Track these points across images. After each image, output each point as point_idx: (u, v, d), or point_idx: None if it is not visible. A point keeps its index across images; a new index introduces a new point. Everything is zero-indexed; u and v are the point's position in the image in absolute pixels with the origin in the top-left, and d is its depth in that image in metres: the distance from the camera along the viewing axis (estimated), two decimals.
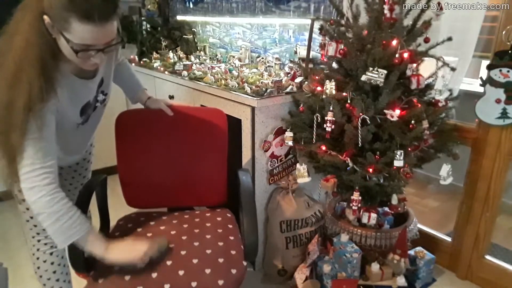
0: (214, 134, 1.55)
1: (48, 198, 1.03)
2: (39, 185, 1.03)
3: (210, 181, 1.57)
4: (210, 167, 1.56)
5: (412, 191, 2.86)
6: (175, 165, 1.56)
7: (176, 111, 1.55)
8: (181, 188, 1.57)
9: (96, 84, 1.27)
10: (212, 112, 1.58)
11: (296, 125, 1.78)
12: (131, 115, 1.58)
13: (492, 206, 1.82)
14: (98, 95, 1.32)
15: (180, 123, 1.55)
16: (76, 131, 1.33)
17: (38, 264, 1.45)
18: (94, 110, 1.34)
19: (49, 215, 1.04)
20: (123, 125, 1.56)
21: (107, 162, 3.08)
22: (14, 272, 2.03)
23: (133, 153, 1.55)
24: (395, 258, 1.74)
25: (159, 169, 1.55)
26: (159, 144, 1.55)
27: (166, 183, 1.56)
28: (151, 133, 1.55)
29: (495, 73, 1.63)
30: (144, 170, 1.55)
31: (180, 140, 1.55)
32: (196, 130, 1.55)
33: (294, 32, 2.46)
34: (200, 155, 1.56)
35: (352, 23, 1.65)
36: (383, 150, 1.54)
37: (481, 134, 1.79)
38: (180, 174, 1.56)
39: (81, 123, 1.30)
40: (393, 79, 1.48)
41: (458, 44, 1.66)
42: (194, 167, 1.56)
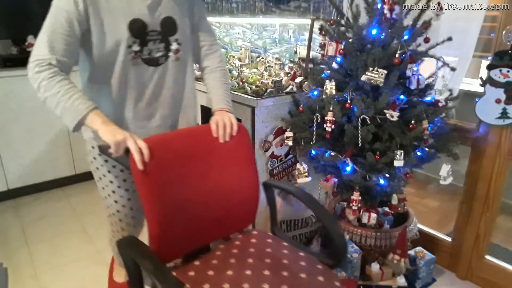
0: (240, 150, 1.31)
1: (45, 82, 1.08)
2: (38, 71, 1.08)
3: (243, 203, 1.34)
4: (242, 187, 1.32)
5: (412, 191, 2.86)
6: (208, 194, 1.24)
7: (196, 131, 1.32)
8: (214, 219, 1.27)
9: (146, 4, 1.18)
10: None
11: (296, 125, 1.78)
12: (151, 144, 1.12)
13: (492, 206, 1.82)
14: (172, 43, 1.26)
15: (203, 144, 1.24)
16: (138, 69, 1.23)
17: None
18: (166, 59, 1.27)
19: (50, 98, 1.08)
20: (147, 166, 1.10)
21: None
22: (14, 272, 2.03)
23: (164, 194, 1.13)
24: (395, 258, 1.74)
25: (193, 205, 1.20)
26: (188, 174, 1.19)
27: (200, 219, 1.23)
28: (177, 163, 1.17)
29: (495, 73, 1.63)
30: (179, 212, 1.16)
31: (208, 164, 1.24)
32: (222, 150, 1.27)
33: (294, 32, 2.46)
34: (231, 177, 1.29)
35: (352, 23, 1.65)
36: (383, 150, 1.54)
37: (481, 134, 1.79)
38: (214, 204, 1.26)
39: (138, 52, 1.20)
40: (393, 79, 1.48)
41: (458, 44, 1.66)
42: (227, 192, 1.28)
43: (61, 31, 1.10)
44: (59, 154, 2.89)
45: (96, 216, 2.59)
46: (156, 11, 1.21)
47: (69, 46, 1.12)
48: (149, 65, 1.25)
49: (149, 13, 1.19)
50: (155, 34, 1.22)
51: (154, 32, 1.22)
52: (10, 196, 2.80)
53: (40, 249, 2.23)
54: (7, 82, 2.57)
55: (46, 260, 2.14)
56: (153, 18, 1.20)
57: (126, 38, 1.16)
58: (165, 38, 1.25)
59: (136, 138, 1.07)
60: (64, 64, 1.12)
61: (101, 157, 1.32)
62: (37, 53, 1.11)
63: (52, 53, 1.10)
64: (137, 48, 1.20)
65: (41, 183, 2.88)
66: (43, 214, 2.62)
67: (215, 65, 1.43)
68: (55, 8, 1.11)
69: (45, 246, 2.26)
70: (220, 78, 1.42)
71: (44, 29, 1.12)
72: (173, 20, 1.25)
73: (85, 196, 2.87)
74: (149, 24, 1.20)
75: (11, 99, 2.60)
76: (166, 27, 1.24)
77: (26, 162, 2.77)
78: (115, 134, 1.06)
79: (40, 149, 2.80)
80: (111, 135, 1.06)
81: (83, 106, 1.09)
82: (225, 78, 1.44)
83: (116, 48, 1.17)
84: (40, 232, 2.40)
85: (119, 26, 1.15)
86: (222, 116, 1.27)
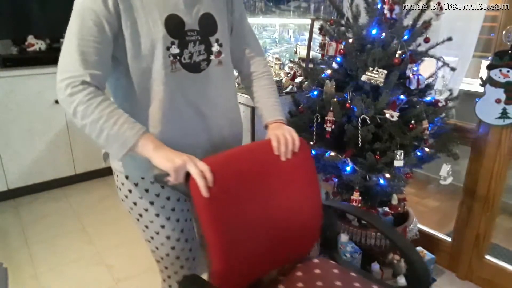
0: (302, 168, 1.17)
1: (82, 107, 0.90)
2: (71, 93, 0.90)
3: (305, 226, 1.20)
4: (304, 209, 1.17)
5: (412, 191, 2.86)
6: (269, 217, 1.10)
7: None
8: (276, 244, 1.13)
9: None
10: None
11: (296, 125, 1.78)
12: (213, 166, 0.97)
13: (492, 206, 1.82)
14: (213, 45, 1.07)
15: (264, 162, 1.10)
16: (178, 77, 1.02)
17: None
18: (208, 63, 1.07)
19: (90, 126, 0.91)
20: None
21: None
22: (14, 272, 2.03)
23: (227, 221, 1.00)
24: (395, 258, 1.74)
25: (255, 230, 1.07)
26: (250, 196, 1.06)
27: (262, 245, 1.09)
28: (239, 185, 1.03)
29: (495, 73, 1.63)
30: (243, 239, 1.03)
31: (269, 184, 1.10)
32: (283, 168, 1.12)
33: (294, 32, 2.46)
34: (293, 197, 1.15)
35: (352, 23, 1.65)
36: (383, 150, 1.54)
37: (481, 134, 1.79)
38: (275, 228, 1.12)
39: (178, 55, 1.01)
40: (393, 79, 1.48)
41: (458, 44, 1.66)
42: (288, 214, 1.14)
43: (91, 38, 0.91)
44: (59, 154, 2.89)
45: (96, 216, 2.59)
46: (194, 7, 1.03)
47: (101, 56, 0.94)
48: (190, 72, 1.04)
49: (186, 9, 1.01)
50: (194, 34, 1.03)
51: (193, 32, 1.03)
52: (10, 196, 2.80)
53: (40, 249, 2.23)
54: (7, 82, 2.57)
55: (46, 260, 2.14)
56: (191, 15, 1.02)
57: (163, 36, 0.97)
58: (205, 38, 1.05)
59: (196, 161, 0.93)
60: (99, 79, 0.94)
61: (137, 188, 1.10)
62: (65, 68, 0.92)
63: (85, 67, 0.91)
64: (177, 51, 1.00)
65: (41, 183, 2.88)
66: (43, 214, 2.62)
67: (260, 71, 1.24)
68: (79, 10, 0.92)
69: (45, 246, 2.26)
70: (269, 86, 1.24)
71: (70, 37, 0.92)
72: (212, 17, 1.07)
73: (85, 196, 2.87)
74: (187, 22, 1.01)
75: (11, 99, 2.60)
76: (205, 26, 1.05)
77: (26, 162, 2.77)
78: (173, 159, 0.91)
79: (40, 149, 2.80)
80: (168, 162, 0.91)
81: (131, 132, 0.92)
82: (273, 85, 1.26)
83: (152, 50, 0.98)
84: (40, 232, 2.40)
85: (155, 24, 0.97)
86: (282, 130, 1.11)
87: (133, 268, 2.06)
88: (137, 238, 2.35)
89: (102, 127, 0.91)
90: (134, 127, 0.93)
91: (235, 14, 1.16)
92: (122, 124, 0.92)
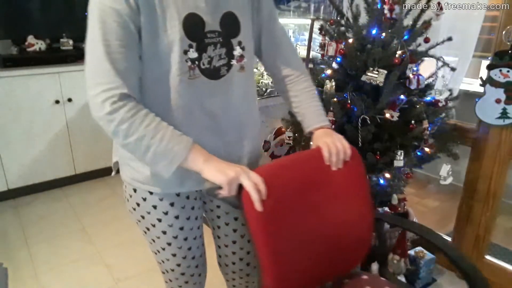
0: (353, 178, 1.11)
1: (125, 125, 0.82)
2: (111, 111, 0.81)
3: (355, 239, 1.14)
4: (354, 221, 1.12)
5: (412, 191, 2.86)
6: (319, 230, 1.05)
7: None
8: (325, 259, 1.09)
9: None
10: None
11: (296, 125, 1.78)
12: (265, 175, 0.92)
13: (492, 206, 1.82)
14: (235, 48, 0.96)
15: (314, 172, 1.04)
16: (195, 84, 0.92)
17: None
18: (228, 68, 0.96)
19: (135, 144, 0.84)
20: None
21: (107, 162, 3.09)
22: (14, 272, 2.03)
23: (280, 236, 0.96)
24: (395, 258, 1.74)
25: (306, 245, 1.03)
26: (301, 208, 1.01)
27: (312, 260, 1.05)
28: (290, 197, 0.98)
29: (495, 73, 1.63)
30: (295, 254, 0.99)
31: (319, 195, 1.05)
32: (332, 178, 1.06)
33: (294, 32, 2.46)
34: (342, 209, 1.09)
35: (352, 23, 1.65)
36: (383, 150, 1.54)
37: (481, 134, 1.79)
38: (324, 241, 1.07)
39: (196, 60, 0.90)
40: (393, 79, 1.48)
41: (458, 44, 1.66)
42: (337, 226, 1.09)
43: (117, 43, 0.81)
44: (59, 154, 2.89)
45: (96, 216, 2.59)
46: (217, 6, 0.92)
47: (130, 61, 0.84)
48: (209, 78, 0.94)
49: (207, 8, 0.90)
50: (215, 35, 0.92)
51: (214, 33, 0.92)
52: (10, 196, 2.80)
53: (40, 249, 2.23)
54: (7, 82, 2.57)
55: (46, 260, 2.14)
56: (212, 14, 0.91)
57: (180, 38, 0.86)
58: (227, 41, 0.94)
59: (249, 172, 0.87)
60: (134, 87, 0.85)
61: (145, 203, 1.04)
62: (97, 81, 0.82)
63: (119, 77, 0.81)
64: (195, 55, 0.90)
65: (41, 183, 2.88)
66: (43, 214, 2.62)
67: (297, 73, 1.12)
68: (99, 11, 0.81)
69: (45, 246, 2.26)
70: (309, 88, 1.13)
71: (94, 44, 0.82)
72: (234, 16, 0.95)
73: (85, 196, 2.87)
74: (208, 22, 0.90)
75: (11, 99, 2.60)
76: (227, 26, 0.94)
77: (26, 162, 2.77)
78: (225, 171, 0.85)
79: (40, 149, 2.80)
80: (221, 174, 0.84)
81: (179, 147, 0.85)
82: (313, 87, 1.14)
83: (168, 53, 0.87)
84: (40, 232, 2.40)
85: (172, 23, 0.86)
86: (332, 138, 1.04)
87: (133, 268, 2.06)
88: (137, 238, 2.35)
89: (148, 144, 0.83)
90: (182, 140, 0.86)
91: (262, 13, 1.03)
92: (170, 139, 0.85)
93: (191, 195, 1.08)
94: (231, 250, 1.21)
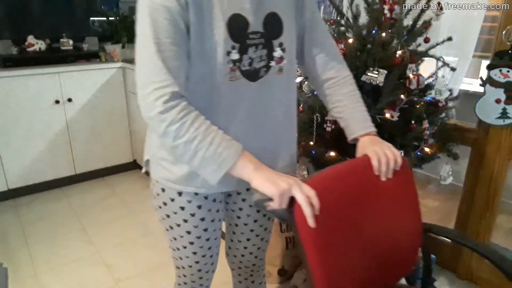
0: (402, 188, 1.07)
1: (175, 126, 0.80)
2: (163, 110, 0.79)
3: (401, 252, 1.11)
4: (402, 233, 1.08)
5: None
6: (366, 243, 1.01)
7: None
8: (374, 272, 1.06)
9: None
10: None
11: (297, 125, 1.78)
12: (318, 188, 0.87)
13: (492, 206, 1.82)
14: (275, 49, 0.94)
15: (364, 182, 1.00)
16: (235, 86, 0.91)
17: None
18: (267, 70, 0.95)
19: (183, 146, 0.81)
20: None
21: (107, 162, 3.09)
22: (14, 272, 2.03)
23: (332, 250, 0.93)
24: None
25: (355, 258, 1.00)
26: (350, 220, 0.98)
27: (359, 275, 1.02)
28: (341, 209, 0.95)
29: (495, 73, 1.63)
30: (345, 268, 0.97)
31: (368, 206, 1.01)
32: (381, 188, 1.02)
33: None
34: (391, 220, 1.06)
35: (352, 23, 1.65)
36: None
37: (481, 134, 1.79)
38: (371, 255, 1.03)
39: (237, 62, 0.89)
40: (393, 79, 1.48)
41: (458, 44, 1.66)
42: (385, 239, 1.05)
43: (167, 41, 0.81)
44: (59, 154, 2.89)
45: (96, 216, 2.59)
46: (261, 6, 0.90)
47: (181, 60, 0.83)
48: (248, 80, 0.93)
49: (252, 8, 0.88)
50: (257, 37, 0.91)
51: (256, 34, 0.90)
52: (10, 196, 2.80)
53: (40, 249, 2.23)
54: (7, 82, 2.57)
55: (46, 260, 2.14)
56: (255, 14, 0.89)
57: (224, 40, 0.85)
58: (268, 42, 0.93)
59: (301, 184, 0.82)
60: (184, 86, 0.84)
61: (173, 203, 1.04)
62: (149, 79, 0.81)
63: (171, 75, 0.80)
64: (237, 56, 0.89)
65: (41, 183, 2.88)
66: (43, 214, 2.62)
67: (341, 75, 1.07)
68: (148, 10, 0.81)
69: (45, 246, 2.26)
70: (354, 92, 1.08)
71: (145, 43, 0.82)
72: (278, 17, 0.93)
73: (85, 196, 2.87)
74: (251, 23, 0.89)
75: (11, 99, 2.60)
76: (270, 27, 0.92)
77: (26, 162, 2.77)
78: (277, 182, 0.80)
79: (40, 149, 2.80)
80: (273, 185, 0.80)
81: (229, 151, 0.82)
82: (358, 91, 1.09)
83: (213, 54, 0.86)
84: (40, 232, 2.40)
85: (218, 24, 0.85)
86: (381, 146, 0.99)
87: (133, 268, 2.06)
88: (137, 238, 2.35)
89: (197, 148, 0.81)
90: (232, 145, 0.83)
91: (306, 13, 1.01)
92: (219, 144, 0.82)
93: (217, 198, 1.08)
94: (244, 245, 1.22)
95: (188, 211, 1.04)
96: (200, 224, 1.06)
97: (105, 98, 3.00)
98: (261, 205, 0.85)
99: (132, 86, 2.92)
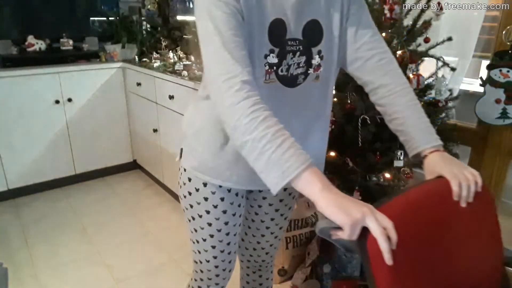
0: (482, 214, 0.95)
1: (246, 120, 0.75)
2: (234, 102, 0.76)
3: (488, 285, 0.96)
4: (483, 267, 0.95)
5: None
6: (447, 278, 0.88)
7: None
8: None
9: (291, 2, 0.87)
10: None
11: None
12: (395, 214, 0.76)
13: None
14: (314, 57, 0.93)
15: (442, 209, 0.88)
16: (270, 90, 0.90)
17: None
18: (305, 77, 0.94)
19: (251, 144, 0.75)
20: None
21: (107, 162, 3.09)
22: (14, 272, 2.03)
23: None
24: None
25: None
26: (430, 253, 0.85)
27: None
28: (418, 242, 0.82)
29: (495, 73, 1.63)
30: None
31: (447, 236, 0.88)
32: (461, 215, 0.90)
33: None
34: (471, 252, 0.93)
35: None
36: (383, 150, 1.54)
37: (481, 134, 1.79)
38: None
39: (275, 66, 0.89)
40: None
41: (458, 44, 1.66)
42: (464, 273, 0.93)
43: (230, 32, 0.80)
44: (59, 154, 2.89)
45: (96, 216, 2.59)
46: (302, 13, 0.89)
47: (245, 50, 0.81)
48: (285, 85, 0.92)
49: (293, 15, 0.87)
50: (295, 44, 0.90)
51: (294, 41, 0.89)
52: (10, 196, 2.80)
53: (40, 249, 2.23)
54: (7, 82, 2.57)
55: (46, 260, 2.14)
56: (295, 22, 0.88)
57: (264, 43, 0.86)
58: (307, 49, 0.91)
59: (376, 213, 0.71)
60: (253, 76, 0.81)
61: (197, 193, 1.04)
62: (218, 72, 0.79)
63: (239, 64, 0.78)
64: (275, 60, 0.88)
65: (41, 183, 2.88)
66: (43, 214, 2.62)
67: (399, 82, 0.97)
68: (207, 7, 0.81)
69: (45, 246, 2.26)
70: (414, 101, 0.96)
71: (209, 39, 0.81)
72: (319, 25, 0.91)
73: (85, 196, 2.87)
74: (290, 30, 0.88)
75: (11, 99, 2.60)
76: (309, 35, 0.91)
77: (26, 162, 2.77)
78: (349, 210, 0.69)
79: (40, 149, 2.80)
80: (343, 213, 0.69)
81: (295, 161, 0.73)
82: (418, 101, 0.98)
83: (254, 54, 0.86)
84: (40, 232, 2.41)
85: (261, 26, 0.85)
86: (459, 167, 0.87)
87: (133, 268, 2.06)
88: (137, 238, 2.35)
89: (264, 149, 0.74)
90: (300, 154, 0.74)
91: (351, 19, 0.96)
92: (288, 149, 0.74)
93: (240, 192, 1.09)
94: (257, 240, 1.24)
95: (211, 202, 1.05)
96: (221, 217, 1.07)
97: (105, 98, 3.00)
98: (326, 232, 0.75)
99: (132, 86, 2.93)
